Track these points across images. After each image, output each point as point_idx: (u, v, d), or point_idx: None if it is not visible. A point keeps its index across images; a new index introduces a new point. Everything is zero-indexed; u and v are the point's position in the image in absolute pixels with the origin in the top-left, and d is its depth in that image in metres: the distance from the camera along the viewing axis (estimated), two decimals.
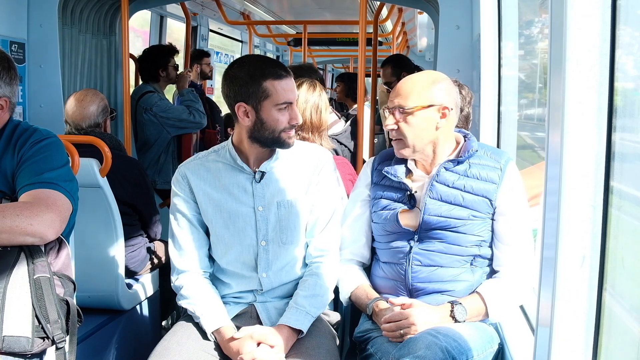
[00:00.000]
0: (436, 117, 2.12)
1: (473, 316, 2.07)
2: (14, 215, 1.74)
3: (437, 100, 2.11)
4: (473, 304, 2.07)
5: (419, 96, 2.11)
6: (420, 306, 2.04)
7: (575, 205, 1.29)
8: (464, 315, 2.04)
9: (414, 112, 2.11)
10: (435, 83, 2.14)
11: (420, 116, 2.11)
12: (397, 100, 2.13)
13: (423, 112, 2.11)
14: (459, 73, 3.31)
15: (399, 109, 2.13)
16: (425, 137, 2.14)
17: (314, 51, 9.52)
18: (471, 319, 2.07)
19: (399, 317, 2.02)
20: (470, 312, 2.06)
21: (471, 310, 2.06)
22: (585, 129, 1.27)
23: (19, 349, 1.75)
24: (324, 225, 2.26)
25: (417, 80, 2.16)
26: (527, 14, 3.46)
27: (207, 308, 2.15)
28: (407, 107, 2.11)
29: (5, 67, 1.96)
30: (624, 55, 1.32)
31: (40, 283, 1.78)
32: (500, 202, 2.10)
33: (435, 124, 2.13)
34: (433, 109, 2.11)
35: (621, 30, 1.28)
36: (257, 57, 2.44)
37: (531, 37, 4.03)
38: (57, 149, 1.99)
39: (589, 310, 1.33)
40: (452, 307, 2.04)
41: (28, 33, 3.72)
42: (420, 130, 2.12)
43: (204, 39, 6.57)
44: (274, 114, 2.09)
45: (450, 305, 2.05)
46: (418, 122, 2.12)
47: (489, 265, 2.16)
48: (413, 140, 2.13)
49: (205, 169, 2.23)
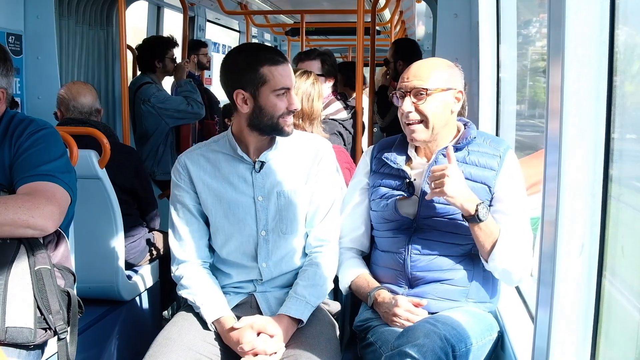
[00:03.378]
0: (452, 101, 2.12)
1: (486, 233, 2.02)
2: (16, 208, 1.74)
3: (454, 84, 2.12)
4: (493, 225, 2.03)
5: (437, 79, 2.10)
6: (458, 170, 2.00)
7: (574, 193, 1.30)
8: (485, 216, 1.99)
9: (433, 93, 2.09)
10: (451, 67, 2.15)
11: (438, 99, 2.10)
12: (415, 82, 2.10)
13: (442, 94, 2.10)
14: (457, 61, 3.29)
15: (416, 90, 2.10)
16: (442, 120, 2.13)
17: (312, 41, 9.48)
18: (483, 234, 2.02)
19: (438, 167, 1.99)
20: (488, 225, 2.01)
21: (490, 224, 2.01)
22: (584, 116, 1.27)
23: (22, 340, 1.76)
24: (324, 215, 2.26)
25: (435, 63, 2.16)
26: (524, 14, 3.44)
27: (207, 298, 2.15)
28: (428, 89, 2.09)
29: (1, 58, 1.96)
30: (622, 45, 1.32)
31: (42, 275, 1.79)
32: (498, 188, 2.10)
33: (450, 108, 2.13)
34: (450, 93, 2.11)
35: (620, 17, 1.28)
36: (253, 45, 2.44)
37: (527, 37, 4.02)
38: (54, 140, 1.99)
39: (588, 298, 1.34)
40: (481, 203, 1.99)
41: (25, 25, 3.71)
42: (439, 112, 2.11)
43: (202, 30, 6.54)
44: (272, 100, 2.09)
45: (479, 200, 2.01)
46: (436, 105, 2.10)
47: None
48: (433, 122, 2.11)
49: (205, 159, 2.23)
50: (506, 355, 2.09)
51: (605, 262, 1.34)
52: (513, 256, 2.04)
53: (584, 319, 1.35)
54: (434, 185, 1.99)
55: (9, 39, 3.58)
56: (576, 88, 1.26)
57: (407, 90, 2.12)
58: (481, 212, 1.98)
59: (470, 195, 2.01)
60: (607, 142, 1.28)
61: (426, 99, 2.09)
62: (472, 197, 2.01)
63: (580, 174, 1.28)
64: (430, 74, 2.10)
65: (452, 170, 1.97)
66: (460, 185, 1.98)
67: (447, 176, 1.95)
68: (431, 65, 2.15)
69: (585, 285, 1.34)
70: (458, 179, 1.98)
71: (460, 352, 1.87)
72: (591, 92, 1.26)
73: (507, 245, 2.03)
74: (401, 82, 2.15)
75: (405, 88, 2.13)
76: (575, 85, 1.26)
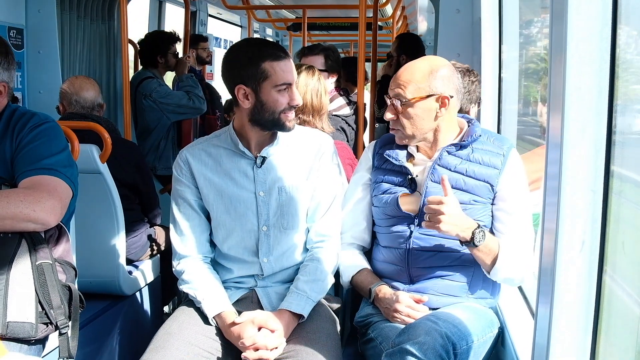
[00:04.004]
0: (435, 107, 2.10)
1: (485, 252, 2.02)
2: (18, 201, 1.75)
3: (437, 89, 2.09)
4: (492, 242, 2.03)
5: (417, 87, 2.09)
6: (455, 202, 1.99)
7: (575, 190, 1.29)
8: (481, 241, 1.99)
9: (412, 103, 2.09)
10: (434, 72, 2.10)
11: (419, 107, 2.09)
12: (397, 90, 2.11)
13: (422, 102, 2.09)
14: (459, 57, 3.30)
15: (396, 99, 2.11)
16: (424, 127, 2.12)
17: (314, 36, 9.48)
18: (482, 254, 2.03)
19: (435, 199, 1.97)
20: (487, 244, 2.01)
21: (488, 243, 2.01)
22: (586, 113, 1.27)
23: (23, 335, 1.76)
24: (325, 211, 2.27)
25: (416, 69, 2.13)
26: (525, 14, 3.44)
27: (208, 293, 2.16)
28: (406, 99, 2.09)
29: (2, 52, 1.95)
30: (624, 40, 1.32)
31: (43, 269, 1.79)
32: (501, 187, 2.10)
33: (434, 114, 2.11)
34: (432, 99, 2.09)
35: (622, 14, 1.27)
36: (255, 40, 2.44)
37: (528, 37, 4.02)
38: (56, 133, 1.99)
39: (588, 294, 1.34)
40: (477, 228, 1.99)
41: (26, 19, 3.71)
42: (419, 121, 2.11)
43: (203, 24, 6.54)
44: (274, 95, 2.09)
45: (476, 225, 2.00)
46: (417, 113, 2.10)
47: None
48: (412, 131, 2.12)
49: (207, 154, 2.23)
50: (507, 351, 2.10)
51: (606, 258, 1.34)
52: (514, 266, 2.06)
53: (585, 315, 1.35)
54: (429, 218, 1.98)
55: (10, 33, 3.58)
56: (577, 84, 1.26)
57: (391, 96, 2.13)
58: (477, 238, 1.99)
59: (465, 223, 1.99)
60: (608, 139, 1.28)
61: (406, 108, 2.10)
62: (467, 224, 2.00)
63: (581, 171, 1.28)
64: (409, 83, 2.09)
65: (448, 207, 1.95)
66: (455, 220, 1.96)
67: (443, 214, 1.94)
68: (411, 72, 2.12)
69: (585, 281, 1.34)
70: (453, 214, 1.96)
71: (462, 349, 1.87)
72: (593, 88, 1.26)
73: (508, 258, 2.04)
74: (389, 87, 2.16)
75: (391, 94, 2.14)
76: (576, 81, 1.26)
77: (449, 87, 2.11)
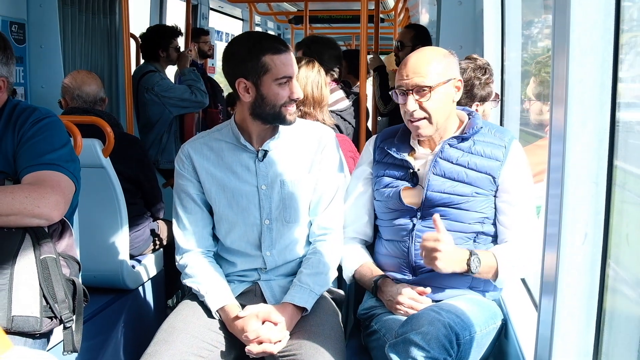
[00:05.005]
0: (453, 91, 2.11)
1: (485, 271, 2.03)
2: (22, 197, 1.75)
3: (453, 74, 2.11)
4: (487, 260, 2.03)
5: (436, 73, 2.07)
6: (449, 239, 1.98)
7: (578, 182, 1.29)
8: (477, 267, 2.00)
9: (436, 88, 2.07)
10: (447, 57, 2.12)
11: (441, 92, 2.08)
12: (417, 79, 2.07)
13: (443, 87, 2.08)
14: (462, 49, 3.29)
15: (418, 88, 2.07)
16: (446, 113, 2.12)
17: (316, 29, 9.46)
18: (482, 274, 2.04)
19: (430, 237, 1.96)
20: (484, 266, 2.02)
21: (484, 264, 2.02)
22: (588, 105, 1.27)
23: (28, 329, 1.77)
24: (327, 204, 2.27)
25: (432, 56, 2.11)
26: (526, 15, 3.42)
27: (212, 286, 2.16)
28: (429, 86, 2.06)
29: (1, 47, 1.95)
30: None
31: (47, 264, 1.80)
32: (503, 179, 2.10)
33: (452, 98, 2.12)
34: (450, 84, 2.10)
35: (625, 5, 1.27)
36: (255, 33, 2.43)
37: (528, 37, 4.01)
38: (58, 128, 1.99)
39: (591, 286, 1.34)
40: (470, 256, 2.00)
41: (28, 13, 3.70)
42: (443, 106, 2.10)
43: (205, 18, 6.53)
44: (274, 89, 2.09)
45: (469, 253, 2.00)
46: (439, 99, 2.08)
47: (492, 242, 2.16)
48: (437, 118, 2.10)
49: (209, 148, 2.23)
50: (510, 343, 2.10)
51: (609, 251, 1.34)
52: (515, 270, 2.09)
53: (588, 308, 1.35)
54: (425, 254, 1.97)
55: (12, 28, 3.58)
56: (580, 76, 1.25)
57: (408, 88, 2.09)
58: (473, 267, 1.99)
59: (459, 257, 1.99)
60: (611, 131, 1.28)
61: (430, 95, 2.07)
62: (461, 257, 1.99)
63: (584, 163, 1.28)
64: (429, 69, 2.07)
65: (443, 245, 1.94)
66: (450, 256, 1.96)
67: (439, 251, 1.93)
68: (428, 58, 2.10)
69: (588, 273, 1.34)
70: (448, 251, 1.95)
71: (464, 339, 1.87)
72: (596, 80, 1.26)
73: (508, 267, 2.05)
74: (400, 80, 2.11)
75: (406, 86, 2.09)
76: (579, 73, 1.25)
77: (459, 72, 2.14)
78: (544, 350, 1.44)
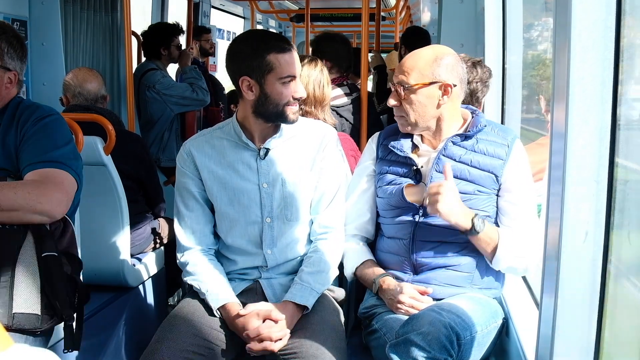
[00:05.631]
0: (438, 95, 2.10)
1: (485, 240, 2.04)
2: (25, 194, 1.76)
3: (440, 77, 2.09)
4: (491, 230, 2.04)
5: (420, 73, 2.09)
6: (454, 187, 2.00)
7: (579, 180, 1.29)
8: (481, 227, 2.01)
9: (415, 89, 2.09)
10: (438, 60, 2.10)
11: (422, 93, 2.09)
12: (400, 77, 2.11)
13: (425, 89, 2.09)
14: (463, 47, 3.29)
15: (400, 85, 2.11)
16: (427, 115, 2.12)
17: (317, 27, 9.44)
18: (483, 243, 2.05)
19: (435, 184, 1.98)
20: (486, 232, 2.02)
21: (488, 231, 2.03)
22: (590, 102, 1.27)
23: (29, 326, 1.77)
24: (329, 202, 2.26)
25: (420, 56, 2.13)
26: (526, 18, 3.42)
27: (213, 285, 2.16)
28: (409, 84, 2.09)
29: (19, 42, 1.99)
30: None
31: (48, 261, 1.80)
32: (506, 178, 2.10)
33: (437, 102, 2.11)
34: (434, 87, 2.09)
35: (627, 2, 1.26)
36: (260, 31, 2.43)
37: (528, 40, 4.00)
38: (60, 126, 1.99)
39: (593, 284, 1.34)
40: (475, 215, 2.01)
41: (30, 10, 3.71)
42: (421, 108, 2.11)
43: (206, 16, 6.53)
44: (278, 88, 2.09)
45: (474, 213, 2.02)
46: (420, 100, 2.10)
47: None
48: (415, 118, 2.12)
49: (210, 146, 2.23)
50: (511, 341, 2.10)
51: (610, 249, 1.34)
52: (515, 255, 2.07)
53: (589, 306, 1.35)
54: (428, 201, 1.99)
55: (13, 25, 3.57)
56: (581, 74, 1.25)
57: (395, 83, 2.13)
58: (477, 224, 2.00)
59: (464, 210, 2.01)
60: (612, 129, 1.28)
61: (409, 95, 2.10)
62: (466, 211, 2.01)
63: (585, 161, 1.28)
64: (413, 69, 2.09)
65: (446, 188, 1.96)
66: (453, 202, 1.98)
67: (441, 194, 1.95)
68: (415, 59, 2.13)
69: (590, 271, 1.34)
70: (451, 197, 1.97)
71: (465, 340, 1.87)
72: (597, 78, 1.25)
73: (509, 247, 2.05)
74: (394, 74, 2.17)
75: (394, 80, 2.14)
76: (580, 71, 1.25)
77: (453, 75, 2.11)
78: (545, 349, 1.44)
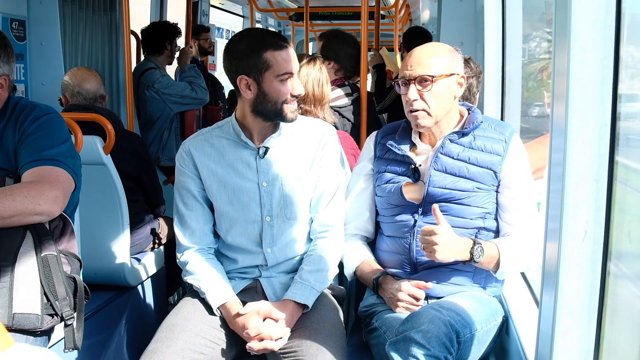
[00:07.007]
0: (455, 87, 2.11)
1: (487, 262, 2.03)
2: (22, 197, 1.76)
3: (457, 69, 2.12)
4: (490, 250, 2.04)
5: (441, 65, 2.08)
6: (447, 230, 1.97)
7: (578, 178, 1.29)
8: (480, 256, 2.00)
9: (438, 80, 2.08)
10: (452, 52, 2.13)
11: (443, 85, 2.09)
12: (420, 70, 2.08)
13: (446, 80, 2.09)
14: (463, 45, 3.29)
15: (420, 78, 2.08)
16: (446, 107, 2.12)
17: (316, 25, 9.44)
18: (484, 264, 2.04)
19: (427, 231, 1.96)
20: (486, 256, 2.02)
21: (487, 254, 2.02)
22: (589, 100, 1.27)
23: (29, 326, 1.77)
24: (328, 201, 2.26)
25: (436, 49, 2.14)
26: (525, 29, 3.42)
27: (213, 284, 2.16)
28: (433, 77, 2.07)
29: (1, 45, 1.94)
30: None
31: (48, 261, 1.80)
32: (504, 174, 2.10)
33: (453, 93, 2.12)
34: (453, 78, 2.10)
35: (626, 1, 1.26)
36: (256, 30, 2.43)
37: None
38: (58, 125, 1.99)
39: (592, 283, 1.34)
40: (473, 245, 2.00)
41: (28, 10, 3.70)
42: (443, 100, 2.10)
43: (205, 15, 6.52)
44: (276, 85, 2.09)
45: (472, 242, 2.01)
46: (441, 91, 2.09)
47: (494, 237, 2.16)
48: (436, 110, 2.10)
49: (209, 145, 2.22)
50: (511, 339, 2.10)
51: (610, 247, 1.34)
52: (517, 262, 2.09)
53: (589, 304, 1.35)
54: (423, 247, 1.98)
55: (12, 25, 3.57)
56: (581, 73, 1.25)
57: (411, 78, 2.10)
58: (476, 255, 2.00)
59: (461, 246, 1.99)
60: (612, 127, 1.28)
61: (431, 86, 2.07)
62: (464, 246, 1.99)
63: (584, 159, 1.28)
64: (434, 61, 2.08)
65: (440, 237, 1.93)
66: (450, 248, 1.95)
67: (437, 244, 1.93)
68: (433, 51, 2.13)
69: (589, 270, 1.34)
70: (447, 243, 1.94)
71: (465, 337, 1.87)
72: (597, 76, 1.25)
73: (510, 259, 2.05)
74: (404, 70, 2.12)
75: (409, 76, 2.10)
76: (580, 69, 1.25)
77: (462, 68, 2.14)
78: (545, 347, 1.44)
